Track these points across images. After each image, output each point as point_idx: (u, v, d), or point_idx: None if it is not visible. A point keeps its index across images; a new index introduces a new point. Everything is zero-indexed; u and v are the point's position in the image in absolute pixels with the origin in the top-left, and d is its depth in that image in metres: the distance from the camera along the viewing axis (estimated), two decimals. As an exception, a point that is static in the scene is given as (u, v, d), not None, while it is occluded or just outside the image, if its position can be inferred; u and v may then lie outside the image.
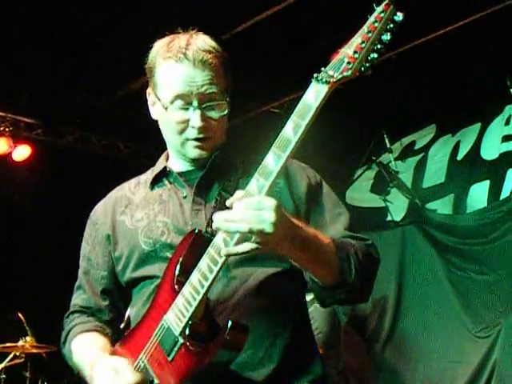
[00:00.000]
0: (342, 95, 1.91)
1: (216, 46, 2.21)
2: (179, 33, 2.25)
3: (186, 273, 1.98)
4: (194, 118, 2.12)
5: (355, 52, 1.78)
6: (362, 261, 2.00)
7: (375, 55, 1.78)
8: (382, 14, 1.76)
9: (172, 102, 2.14)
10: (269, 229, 1.74)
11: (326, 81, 1.80)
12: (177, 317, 1.91)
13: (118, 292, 2.32)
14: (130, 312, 2.33)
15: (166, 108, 2.14)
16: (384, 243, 5.72)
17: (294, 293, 2.17)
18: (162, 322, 1.97)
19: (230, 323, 1.81)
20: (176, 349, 1.89)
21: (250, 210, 1.76)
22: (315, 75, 1.83)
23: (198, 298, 1.87)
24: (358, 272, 1.97)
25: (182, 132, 2.16)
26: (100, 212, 2.37)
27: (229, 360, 1.86)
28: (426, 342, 5.49)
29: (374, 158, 6.23)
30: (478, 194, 5.81)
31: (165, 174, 2.31)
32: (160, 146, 2.40)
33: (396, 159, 6.39)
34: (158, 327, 1.97)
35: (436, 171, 6.16)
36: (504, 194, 5.61)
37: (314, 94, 1.80)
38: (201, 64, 2.12)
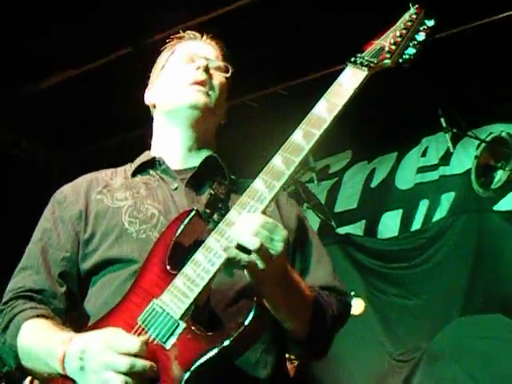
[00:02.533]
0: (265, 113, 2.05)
1: None
2: None
3: (180, 254, 1.83)
4: (199, 61, 2.17)
5: (394, 43, 1.84)
6: (334, 326, 1.99)
7: (413, 51, 1.85)
8: (415, 16, 1.89)
9: (178, 49, 2.26)
10: (275, 254, 1.66)
11: (367, 65, 1.79)
12: (177, 299, 1.71)
13: (77, 278, 2.07)
14: (87, 305, 2.05)
15: (174, 51, 2.25)
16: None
17: None
18: (151, 307, 1.75)
19: (255, 304, 1.64)
20: (177, 334, 1.68)
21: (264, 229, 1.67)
22: (352, 59, 1.84)
23: (207, 277, 1.69)
24: (327, 339, 1.97)
25: (185, 75, 2.16)
26: (70, 191, 2.17)
27: (244, 348, 1.67)
28: (346, 365, 5.49)
29: (295, 177, 6.24)
30: (390, 222, 5.92)
31: (151, 164, 2.19)
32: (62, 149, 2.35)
33: (309, 181, 6.43)
34: (145, 313, 1.75)
35: (349, 196, 6.24)
36: (416, 224, 5.75)
37: (352, 78, 1.80)
38: (211, 45, 2.28)
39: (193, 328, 1.68)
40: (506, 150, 4.92)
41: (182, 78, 2.16)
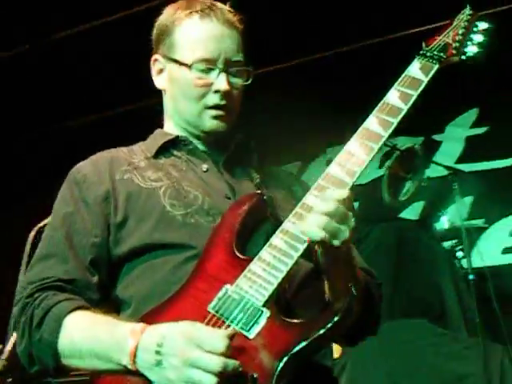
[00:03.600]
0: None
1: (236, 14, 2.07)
2: None
3: (243, 238, 1.77)
4: (220, 81, 1.94)
5: (458, 41, 1.91)
6: (379, 304, 2.02)
7: (475, 50, 1.92)
8: (470, 17, 1.96)
9: (194, 64, 1.95)
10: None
11: (438, 59, 1.84)
12: (258, 285, 1.62)
13: (108, 266, 1.88)
14: (125, 293, 1.86)
15: (190, 66, 1.94)
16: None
17: None
18: (224, 294, 1.64)
19: (353, 287, 1.61)
20: (261, 322, 1.58)
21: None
22: (421, 52, 1.88)
23: (290, 262, 1.64)
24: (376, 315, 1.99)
25: (201, 98, 1.97)
26: (89, 170, 1.96)
27: (334, 335, 1.61)
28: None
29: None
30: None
31: (174, 144, 2.05)
32: None
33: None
34: (218, 300, 1.63)
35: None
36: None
37: (423, 70, 1.84)
38: (228, 25, 1.99)
39: (278, 315, 1.60)
40: (416, 162, 5.14)
41: (197, 96, 1.96)
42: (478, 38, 1.92)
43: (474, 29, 1.93)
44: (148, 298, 1.78)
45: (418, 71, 1.83)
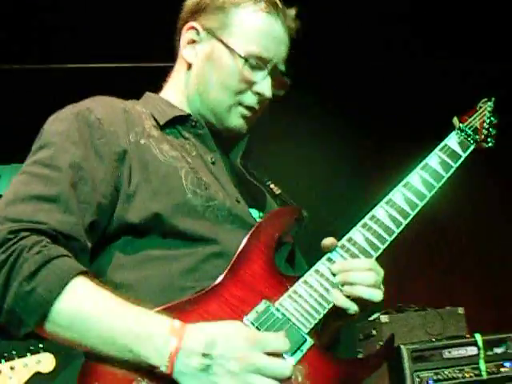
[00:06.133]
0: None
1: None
2: None
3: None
4: (265, 84, 1.82)
5: (485, 129, 1.98)
6: None
7: (493, 140, 2.01)
8: (490, 109, 2.03)
9: (248, 57, 1.80)
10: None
11: (475, 141, 1.93)
12: (304, 310, 1.55)
13: (102, 234, 1.58)
14: (120, 273, 1.56)
15: (245, 59, 1.79)
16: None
17: None
18: (267, 309, 1.52)
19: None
20: (304, 350, 1.50)
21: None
22: (461, 127, 1.93)
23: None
24: None
25: (239, 93, 1.82)
26: (104, 115, 1.65)
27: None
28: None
29: None
30: None
31: (182, 121, 1.81)
32: None
33: None
34: (259, 314, 1.50)
35: None
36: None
37: (461, 146, 1.90)
38: (288, 31, 1.88)
39: (321, 347, 1.55)
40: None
41: (236, 90, 1.81)
42: (494, 131, 2.02)
43: (494, 121, 2.02)
44: (159, 289, 1.53)
45: (456, 146, 1.89)
